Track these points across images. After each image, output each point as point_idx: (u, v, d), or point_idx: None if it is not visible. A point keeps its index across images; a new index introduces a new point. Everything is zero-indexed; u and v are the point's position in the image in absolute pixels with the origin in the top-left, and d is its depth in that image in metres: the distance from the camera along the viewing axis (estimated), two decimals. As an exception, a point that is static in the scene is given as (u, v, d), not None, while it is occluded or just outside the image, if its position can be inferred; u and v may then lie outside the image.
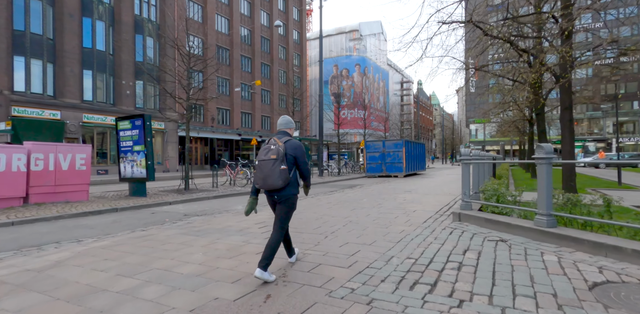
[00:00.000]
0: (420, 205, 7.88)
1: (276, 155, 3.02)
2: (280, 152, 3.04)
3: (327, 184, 15.39)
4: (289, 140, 3.21)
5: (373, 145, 20.20)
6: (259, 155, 3.16)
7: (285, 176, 3.02)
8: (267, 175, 3.02)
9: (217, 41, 33.17)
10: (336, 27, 65.32)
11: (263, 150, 3.14)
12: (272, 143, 3.14)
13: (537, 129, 11.52)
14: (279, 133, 3.36)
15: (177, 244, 4.50)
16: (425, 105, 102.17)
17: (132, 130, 9.54)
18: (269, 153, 3.06)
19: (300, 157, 3.18)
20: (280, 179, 3.00)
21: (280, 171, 3.00)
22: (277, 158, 3.01)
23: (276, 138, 3.19)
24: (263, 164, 3.06)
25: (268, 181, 3.02)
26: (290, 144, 3.17)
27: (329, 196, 9.99)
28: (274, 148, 3.08)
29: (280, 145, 3.10)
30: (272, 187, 3.04)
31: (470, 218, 5.58)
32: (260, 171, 3.08)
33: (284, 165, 3.03)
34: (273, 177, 3.00)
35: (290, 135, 3.35)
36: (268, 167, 3.02)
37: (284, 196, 3.13)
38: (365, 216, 6.50)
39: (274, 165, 3.00)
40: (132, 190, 9.79)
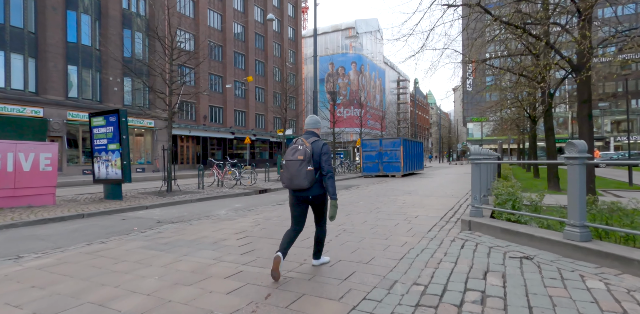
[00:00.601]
0: (423, 209, 7.12)
1: (303, 156, 3.07)
2: (307, 152, 3.08)
3: (322, 185, 14.61)
4: (316, 140, 3.26)
5: (370, 143, 19.44)
6: (286, 155, 3.20)
7: (311, 177, 3.07)
8: (293, 176, 3.07)
9: (210, 37, 32.25)
10: (332, 24, 64.52)
11: (290, 150, 3.18)
12: (299, 144, 3.17)
13: (544, 126, 10.80)
14: (307, 133, 3.40)
15: (133, 263, 3.70)
16: (422, 103, 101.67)
17: (106, 126, 8.71)
18: (296, 154, 3.11)
19: (326, 160, 3.19)
20: (307, 180, 3.05)
21: (307, 172, 3.04)
22: (304, 159, 3.06)
23: (303, 139, 3.23)
24: (290, 164, 3.10)
25: (294, 182, 3.08)
26: (317, 145, 3.21)
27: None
28: (301, 149, 3.11)
29: (307, 145, 3.13)
30: (298, 187, 3.09)
31: (482, 227, 4.82)
32: (287, 171, 3.12)
33: (310, 166, 3.06)
34: (299, 178, 3.05)
35: (317, 135, 3.38)
36: (295, 168, 3.07)
37: (317, 198, 3.23)
38: (362, 224, 5.73)
39: (300, 165, 3.05)
40: (106, 193, 8.95)
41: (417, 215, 6.47)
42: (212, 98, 32.58)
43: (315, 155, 3.16)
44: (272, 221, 6.03)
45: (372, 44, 67.76)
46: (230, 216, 6.69)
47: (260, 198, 10.08)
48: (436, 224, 5.62)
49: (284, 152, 16.24)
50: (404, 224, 5.68)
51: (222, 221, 6.16)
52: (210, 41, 32.44)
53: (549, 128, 10.66)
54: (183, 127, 28.75)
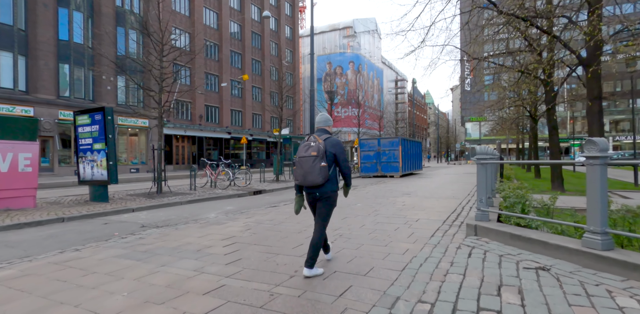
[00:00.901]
0: (423, 212, 6.76)
1: (316, 152, 3.06)
2: (320, 149, 3.08)
3: (319, 185, 14.23)
4: (329, 137, 3.25)
5: (368, 143, 19.08)
6: (299, 151, 3.17)
7: (325, 173, 3.06)
8: (307, 172, 3.06)
9: (206, 36, 31.81)
10: (329, 24, 64.20)
11: (303, 147, 3.16)
12: (311, 140, 3.17)
13: (547, 125, 10.47)
14: (319, 130, 3.37)
15: (104, 275, 3.32)
16: (420, 103, 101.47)
17: (91, 125, 8.29)
18: (309, 150, 3.10)
19: (340, 155, 3.20)
20: (321, 176, 3.04)
21: (321, 168, 3.04)
22: (317, 155, 3.05)
23: (316, 136, 3.22)
24: (303, 161, 3.09)
25: (308, 178, 3.06)
26: (330, 141, 3.20)
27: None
28: (314, 145, 3.11)
29: (320, 142, 3.13)
30: (312, 184, 3.08)
31: (489, 233, 4.45)
32: (301, 168, 3.11)
33: (323, 162, 3.06)
34: (313, 174, 3.04)
35: (329, 133, 3.37)
36: (308, 164, 3.06)
37: (325, 194, 3.16)
38: (360, 228, 5.36)
39: (314, 161, 3.04)
40: (92, 195, 8.54)
41: (418, 219, 6.10)
42: (208, 98, 32.15)
43: (328, 151, 3.15)
44: (263, 226, 5.65)
45: (370, 43, 67.51)
46: (220, 219, 6.30)
47: (254, 200, 9.69)
48: (439, 228, 5.26)
49: (280, 152, 15.82)
50: (404, 228, 5.31)
51: (211, 225, 5.77)
52: (206, 40, 32.00)
53: (553, 127, 10.32)
54: (178, 127, 28.30)
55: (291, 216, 6.54)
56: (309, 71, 56.40)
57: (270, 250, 4.15)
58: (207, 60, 31.96)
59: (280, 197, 10.24)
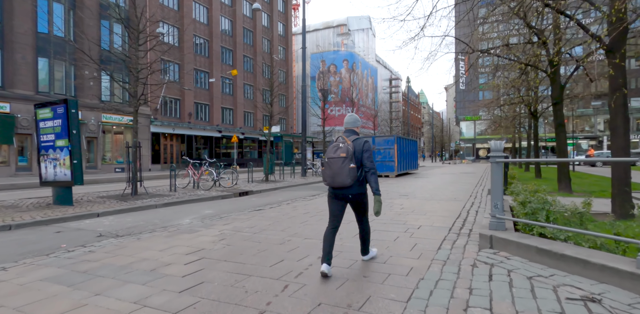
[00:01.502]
0: (425, 217, 6.00)
1: (345, 153, 3.05)
2: (349, 150, 3.06)
3: (310, 186, 13.44)
4: (358, 138, 3.23)
5: (362, 141, 18.33)
6: (327, 152, 3.16)
7: (353, 175, 3.04)
8: (336, 173, 3.05)
9: (195, 31, 30.83)
10: (323, 21, 63.41)
11: (332, 148, 3.15)
12: (340, 141, 3.15)
13: (554, 122, 9.77)
14: (347, 131, 3.34)
15: (11, 311, 2.49)
16: (414, 103, 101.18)
17: (53, 119, 7.41)
18: (338, 151, 3.09)
19: (368, 157, 3.15)
20: (349, 177, 3.02)
21: (350, 170, 3.03)
22: (346, 156, 3.03)
23: (344, 137, 3.20)
24: (332, 162, 3.08)
25: (337, 179, 3.05)
26: (359, 142, 3.18)
27: (309, 203, 8.04)
28: (343, 147, 3.09)
29: (348, 143, 3.11)
30: (341, 185, 3.06)
31: (509, 246, 3.69)
32: (330, 169, 3.09)
33: (352, 164, 3.04)
34: (342, 175, 3.03)
35: (357, 134, 3.36)
36: (337, 165, 3.05)
37: (358, 196, 3.19)
38: (353, 238, 4.58)
39: (343, 163, 3.03)
40: (55, 197, 7.66)
41: (420, 225, 5.34)
42: (198, 95, 31.18)
43: (357, 152, 3.12)
44: (241, 235, 4.84)
45: (364, 41, 66.84)
46: (194, 226, 5.48)
47: (238, 202, 8.87)
48: (445, 238, 4.50)
49: (270, 151, 15.02)
50: (405, 238, 4.54)
51: (180, 234, 4.95)
52: (196, 35, 31.03)
53: (560, 124, 9.62)
54: (166, 125, 27.32)
55: (275, 222, 5.74)
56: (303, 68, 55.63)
57: (242, 269, 3.35)
58: (196, 56, 30.99)
59: (268, 199, 9.43)
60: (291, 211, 6.84)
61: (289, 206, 7.57)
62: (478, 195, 9.32)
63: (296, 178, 16.51)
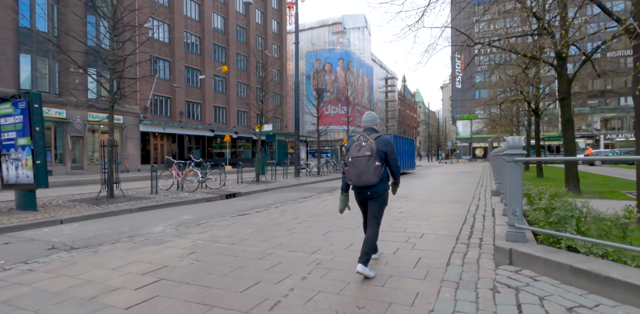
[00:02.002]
0: (427, 223, 5.35)
1: (370, 151, 3.02)
2: (373, 148, 3.04)
3: (303, 187, 12.77)
4: (379, 136, 3.19)
5: (357, 140, 17.67)
6: (351, 152, 3.12)
7: (379, 173, 3.03)
8: (361, 172, 3.02)
9: (186, 28, 30.03)
10: (318, 20, 62.74)
11: (355, 147, 3.11)
12: (362, 140, 3.13)
13: (561, 118, 9.17)
14: (367, 130, 3.32)
15: None
16: (410, 102, 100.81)
17: (14, 115, 6.68)
18: (362, 150, 3.05)
19: (391, 154, 3.17)
20: (375, 175, 3.01)
21: (375, 168, 3.01)
22: (371, 154, 3.01)
23: (366, 135, 3.17)
24: (357, 161, 3.04)
25: (363, 178, 3.02)
26: (381, 140, 3.16)
27: (299, 206, 7.37)
28: (367, 145, 3.06)
29: (371, 141, 3.08)
30: (367, 184, 3.04)
31: (534, 262, 3.04)
32: (354, 168, 3.05)
33: (377, 162, 3.03)
34: (368, 174, 3.00)
35: (376, 131, 3.31)
36: (363, 164, 3.01)
37: (377, 193, 3.13)
38: (345, 250, 3.93)
39: (368, 161, 3.01)
40: (17, 202, 6.92)
41: (423, 233, 4.69)
42: (190, 93, 30.38)
43: (380, 150, 3.11)
44: (216, 246, 4.16)
45: (360, 40, 66.31)
46: (164, 236, 4.80)
47: (223, 206, 8.17)
48: (453, 250, 3.85)
49: (260, 150, 14.31)
50: (406, 250, 3.89)
51: (146, 246, 4.26)
52: (187, 32, 30.22)
53: (568, 120, 9.02)
54: (156, 124, 26.53)
55: (259, 230, 5.07)
56: (300, 67, 54.84)
57: (205, 296, 2.67)
58: (188, 54, 30.19)
59: (256, 201, 8.75)
60: (278, 217, 6.16)
61: (276, 211, 6.89)
62: (481, 197, 8.69)
63: (289, 178, 15.84)
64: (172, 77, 28.60)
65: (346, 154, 3.18)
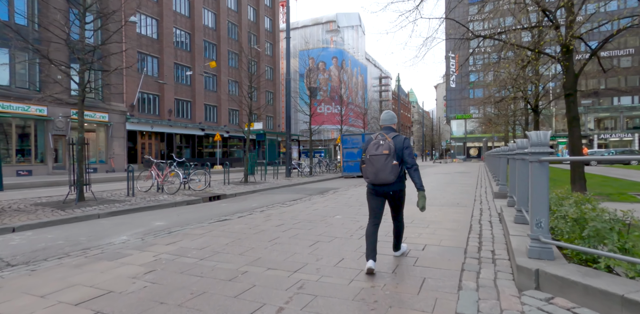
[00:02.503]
0: (428, 231, 4.73)
1: (388, 150, 3.05)
2: (391, 147, 3.06)
3: (293, 188, 12.11)
4: (397, 135, 3.23)
5: (351, 139, 17.07)
6: (368, 150, 3.15)
7: (396, 171, 3.06)
8: (379, 170, 3.06)
9: (176, 23, 29.18)
10: (312, 18, 62.10)
11: (373, 146, 3.15)
12: (380, 139, 3.16)
13: (566, 115, 8.62)
14: (385, 128, 3.35)
15: None
16: (404, 102, 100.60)
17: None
18: (380, 148, 3.08)
19: (409, 153, 3.17)
20: (393, 174, 3.04)
21: (393, 167, 3.04)
22: (389, 153, 3.04)
23: (384, 134, 3.20)
24: (375, 159, 3.08)
25: (380, 176, 3.06)
26: (399, 139, 3.18)
27: (286, 210, 6.71)
28: (384, 144, 3.09)
29: (389, 140, 3.12)
30: (384, 182, 3.08)
31: (570, 289, 2.42)
32: (372, 166, 3.09)
33: (395, 160, 3.06)
34: (385, 172, 3.04)
35: (395, 130, 3.35)
36: (381, 162, 3.05)
37: (398, 192, 3.22)
38: (334, 267, 3.28)
39: (386, 160, 3.04)
40: (-31, 206, 6.18)
41: (425, 244, 4.06)
42: (179, 91, 29.55)
43: (397, 149, 3.11)
44: (181, 262, 3.49)
45: (354, 39, 65.78)
46: (125, 247, 4.11)
47: (203, 210, 7.49)
48: (463, 268, 3.22)
49: (250, 149, 13.62)
50: (407, 267, 3.26)
51: (97, 262, 3.58)
52: (177, 28, 29.36)
53: (573, 117, 8.47)
54: (144, 122, 25.68)
55: (236, 240, 4.40)
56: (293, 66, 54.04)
57: (144, 341, 2.01)
58: (177, 50, 29.34)
59: (240, 204, 8.07)
60: (262, 223, 5.50)
61: (261, 215, 6.23)
62: (483, 199, 8.11)
63: (279, 179, 15.16)
64: (160, 74, 27.75)
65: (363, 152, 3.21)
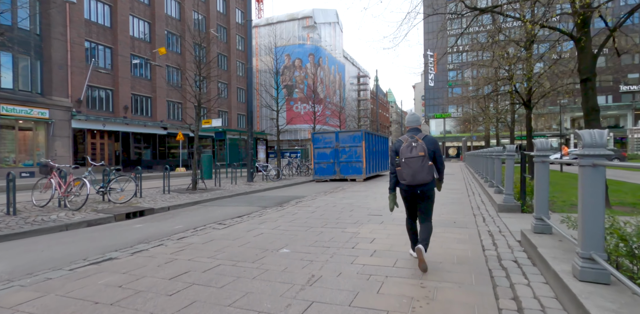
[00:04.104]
0: (425, 294, 2.74)
1: (423, 152, 3.18)
2: (425, 148, 3.18)
3: (249, 196, 9.98)
4: (426, 136, 3.34)
5: (323, 138, 15.06)
6: (402, 152, 3.26)
7: (432, 171, 3.21)
8: (417, 171, 3.17)
9: (132, 11, 26.41)
10: (288, 13, 59.90)
11: (406, 148, 3.25)
12: (412, 141, 3.26)
13: (584, 106, 6.88)
14: (412, 130, 3.43)
15: None
16: (382, 101, 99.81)
17: None
18: (414, 151, 3.20)
19: (438, 152, 3.36)
20: (430, 174, 3.19)
21: (429, 167, 3.19)
22: (424, 154, 3.17)
23: (414, 135, 3.31)
24: (412, 161, 3.19)
25: (418, 177, 3.18)
26: (429, 140, 3.32)
27: (216, 236, 4.61)
28: (418, 146, 3.21)
29: (420, 142, 3.23)
30: (422, 182, 3.20)
31: None
32: (409, 168, 3.20)
33: (430, 161, 3.21)
34: (423, 173, 3.17)
35: (421, 131, 3.42)
36: (418, 164, 3.17)
37: (429, 190, 3.32)
38: None
39: (422, 161, 3.17)
40: None
41: None
42: (137, 85, 26.75)
43: (429, 149, 3.25)
44: None
45: (331, 36, 64.07)
46: None
47: (101, 236, 5.27)
48: None
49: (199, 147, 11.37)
50: None
51: None
52: (134, 15, 26.57)
53: (592, 107, 6.76)
54: (94, 120, 22.85)
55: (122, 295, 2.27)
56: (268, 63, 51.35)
57: None
58: (135, 41, 26.55)
59: (163, 225, 5.90)
60: (154, 271, 3.38)
61: (168, 250, 4.10)
62: (484, 213, 6.25)
63: (239, 184, 12.98)
64: (114, 66, 24.94)
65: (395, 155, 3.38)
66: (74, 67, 21.92)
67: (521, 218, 5.68)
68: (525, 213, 6.07)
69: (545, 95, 13.08)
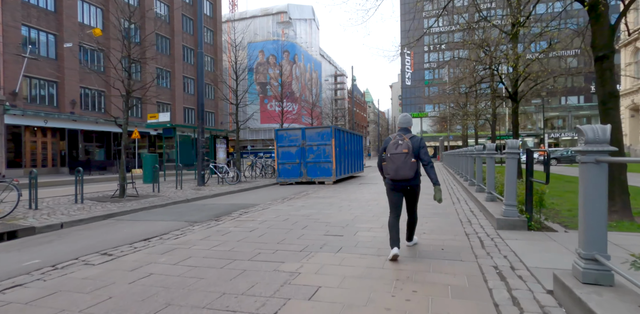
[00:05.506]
0: None
1: (407, 149, 3.40)
2: (409, 146, 3.41)
3: (191, 204, 8.09)
4: (414, 136, 3.57)
5: (288, 135, 13.27)
6: (389, 149, 3.50)
7: (415, 168, 3.44)
8: (399, 167, 3.41)
9: (82, -5, 23.74)
10: (262, 8, 57.74)
11: (392, 145, 3.49)
12: (399, 139, 3.49)
13: (600, 93, 5.40)
14: (402, 130, 3.64)
15: None
16: (360, 101, 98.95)
17: None
18: (399, 148, 3.43)
19: (424, 150, 3.54)
20: (412, 170, 3.41)
21: (412, 164, 3.40)
22: (408, 152, 3.39)
23: (402, 134, 3.53)
24: (395, 157, 3.43)
25: (400, 172, 3.41)
26: (415, 140, 3.53)
27: (82, 280, 2.77)
28: (403, 143, 3.43)
29: (407, 140, 3.46)
30: (404, 177, 3.43)
31: None
32: (393, 163, 3.44)
33: (413, 158, 3.42)
34: (405, 169, 3.40)
35: (410, 131, 3.67)
36: (401, 160, 3.40)
37: (414, 186, 3.56)
38: None
39: (405, 158, 3.39)
40: None
41: None
42: (87, 78, 24.09)
43: (414, 148, 3.46)
44: None
45: (307, 33, 62.34)
46: None
47: None
48: None
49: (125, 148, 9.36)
50: None
51: None
52: (84, 1, 23.94)
53: (610, 92, 5.30)
54: (33, 115, 20.19)
55: None
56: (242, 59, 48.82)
57: None
58: (83, 26, 23.90)
59: (30, 253, 3.99)
60: None
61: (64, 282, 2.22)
62: (479, 232, 4.65)
63: (185, 189, 11.01)
64: (59, 55, 22.28)
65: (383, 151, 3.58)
66: (7, 54, 19.20)
67: (531, 239, 4.11)
68: (534, 231, 4.52)
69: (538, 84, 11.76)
